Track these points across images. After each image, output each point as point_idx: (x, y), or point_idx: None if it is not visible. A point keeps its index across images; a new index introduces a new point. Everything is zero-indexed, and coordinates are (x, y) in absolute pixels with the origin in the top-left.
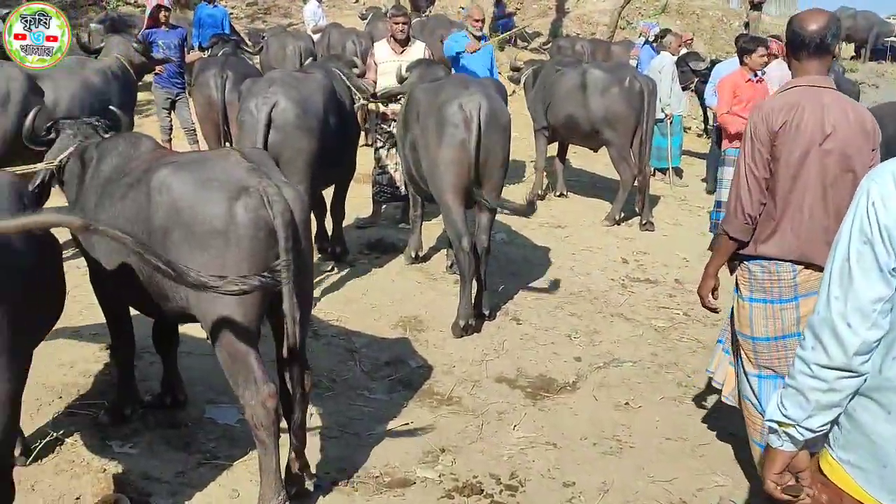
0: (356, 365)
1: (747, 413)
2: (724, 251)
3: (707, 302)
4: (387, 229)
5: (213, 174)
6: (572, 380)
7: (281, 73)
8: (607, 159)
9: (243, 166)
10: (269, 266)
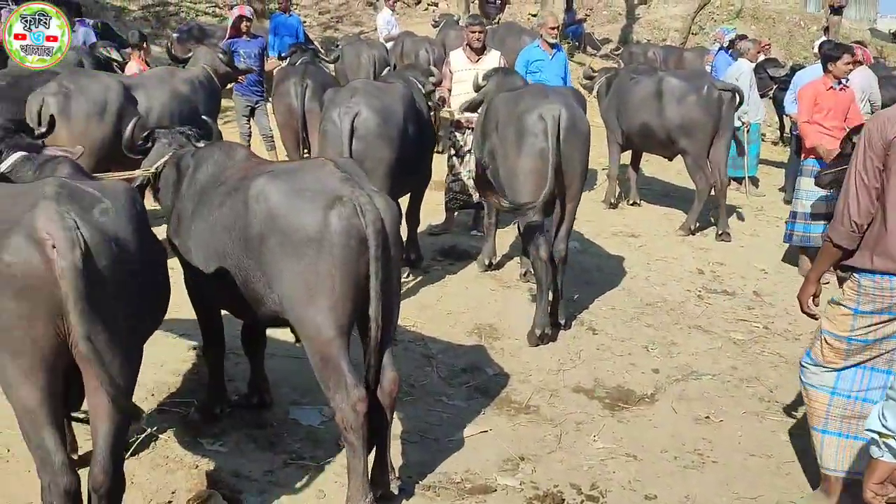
0: (433, 371)
1: (809, 399)
2: (828, 258)
3: (807, 308)
4: (459, 236)
5: (308, 183)
6: (650, 392)
7: (363, 83)
8: (680, 167)
9: (337, 176)
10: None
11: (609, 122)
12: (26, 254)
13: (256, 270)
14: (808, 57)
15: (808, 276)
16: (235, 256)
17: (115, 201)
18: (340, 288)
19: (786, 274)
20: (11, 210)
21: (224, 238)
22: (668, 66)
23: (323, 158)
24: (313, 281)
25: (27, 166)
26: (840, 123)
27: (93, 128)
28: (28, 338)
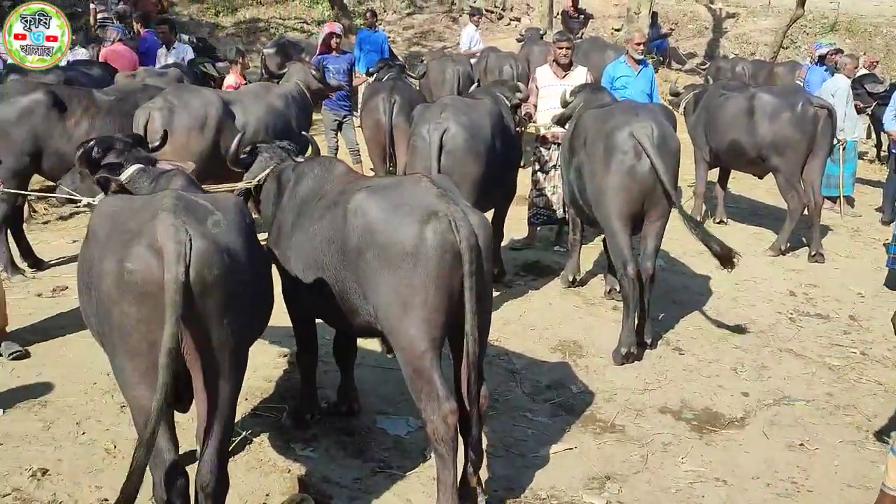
0: (517, 386)
1: None
2: None
3: None
4: (542, 251)
5: (406, 199)
6: (740, 415)
7: (452, 99)
8: (769, 185)
9: (433, 192)
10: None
11: (697, 138)
12: (147, 262)
13: (353, 282)
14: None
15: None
16: (333, 268)
17: (227, 214)
18: (434, 301)
19: (884, 298)
20: (134, 220)
21: (323, 250)
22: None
23: (419, 174)
24: (408, 294)
25: (143, 178)
26: None
27: (193, 141)
28: (146, 341)
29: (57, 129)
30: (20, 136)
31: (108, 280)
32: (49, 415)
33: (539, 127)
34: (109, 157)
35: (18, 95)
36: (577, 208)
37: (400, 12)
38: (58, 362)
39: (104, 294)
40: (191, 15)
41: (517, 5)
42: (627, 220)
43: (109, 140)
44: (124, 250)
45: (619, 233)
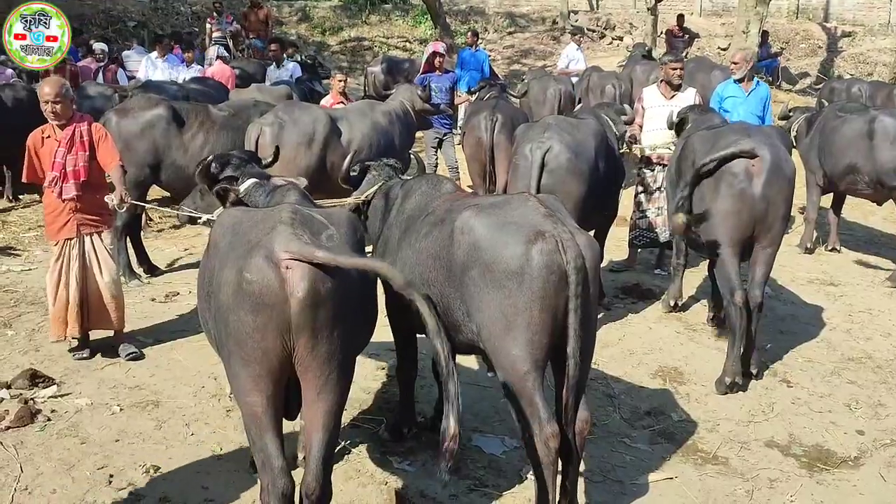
0: (615, 411)
1: None
2: None
3: None
4: (642, 274)
5: (513, 218)
6: (854, 454)
7: (556, 118)
8: (886, 212)
9: (540, 212)
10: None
11: (810, 162)
12: (265, 273)
13: (457, 299)
14: None
15: None
16: (438, 284)
17: (340, 228)
18: (538, 322)
19: None
20: (253, 232)
21: (428, 265)
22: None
23: (527, 194)
24: (512, 314)
25: (259, 192)
26: None
27: (301, 156)
28: (260, 349)
29: (175, 143)
30: (142, 148)
31: (227, 289)
32: (161, 415)
33: (644, 148)
34: (226, 172)
35: (142, 110)
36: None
37: (501, 31)
38: (169, 365)
39: (223, 302)
40: (298, 34)
41: (620, 24)
42: (737, 246)
43: (226, 156)
44: (244, 261)
45: (728, 259)
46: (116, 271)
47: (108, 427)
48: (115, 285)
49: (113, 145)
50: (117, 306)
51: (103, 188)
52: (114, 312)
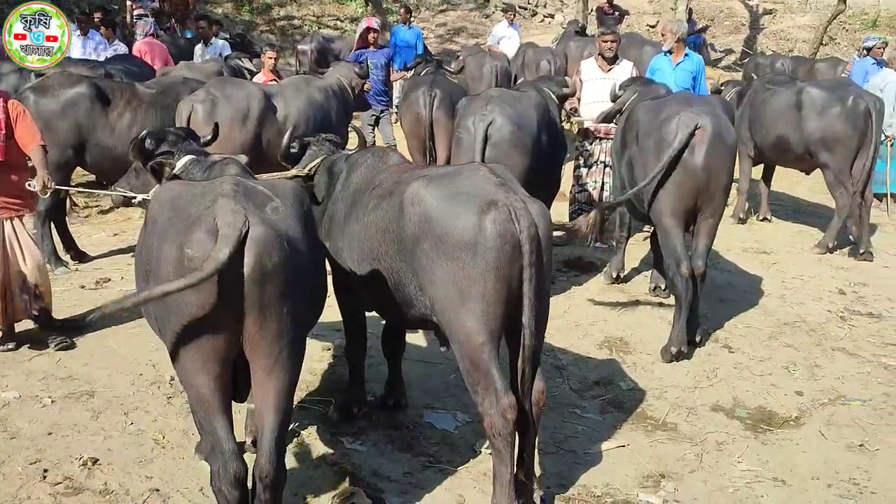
0: (565, 382)
1: None
2: None
3: None
4: (583, 248)
5: (464, 188)
6: (795, 415)
7: (498, 91)
8: (812, 182)
9: (492, 181)
10: (513, 279)
11: (741, 134)
12: (207, 248)
13: (409, 273)
14: None
15: None
16: (388, 258)
17: (285, 200)
18: (493, 293)
19: None
20: (193, 206)
21: (378, 239)
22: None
23: (477, 163)
24: (466, 285)
25: (196, 168)
26: None
27: (236, 133)
28: (205, 329)
29: (100, 122)
30: (64, 128)
31: (167, 266)
32: (97, 405)
33: (582, 121)
34: (162, 148)
35: (63, 88)
36: (629, 204)
37: (433, 9)
38: (104, 353)
39: (163, 281)
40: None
41: (550, 2)
42: (681, 217)
43: (162, 132)
44: (184, 236)
45: (673, 230)
46: (41, 257)
47: (40, 420)
48: (39, 272)
49: (32, 123)
50: (43, 294)
51: (23, 170)
52: (40, 301)
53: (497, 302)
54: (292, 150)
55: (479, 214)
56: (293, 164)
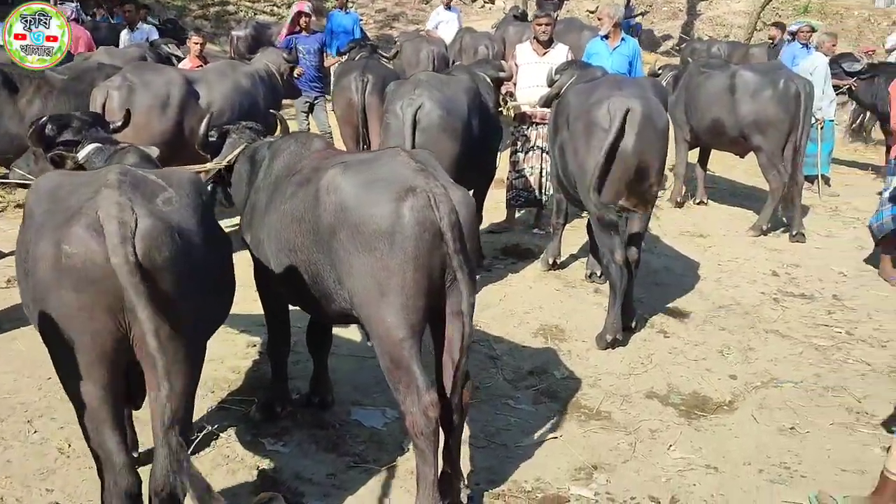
0: (498, 373)
1: None
2: None
3: None
4: (521, 234)
5: (381, 174)
6: (728, 399)
7: (427, 75)
8: (746, 165)
9: (411, 167)
10: (434, 270)
11: (677, 118)
12: (86, 244)
13: (326, 265)
14: (879, 53)
15: None
16: (305, 249)
17: (180, 191)
18: (413, 285)
19: (867, 277)
20: (73, 198)
21: (294, 230)
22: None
23: (397, 148)
24: (384, 277)
25: (100, 157)
26: None
27: (155, 121)
28: (88, 332)
29: (7, 110)
30: None
31: (43, 264)
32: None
33: (519, 105)
34: (65, 136)
35: None
36: (563, 189)
37: None
38: (10, 357)
39: (40, 280)
40: None
41: None
42: (613, 202)
43: (65, 118)
44: (61, 231)
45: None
46: None
47: None
48: None
49: None
50: None
51: None
52: None
53: (417, 294)
54: (211, 139)
55: (396, 202)
56: (213, 153)
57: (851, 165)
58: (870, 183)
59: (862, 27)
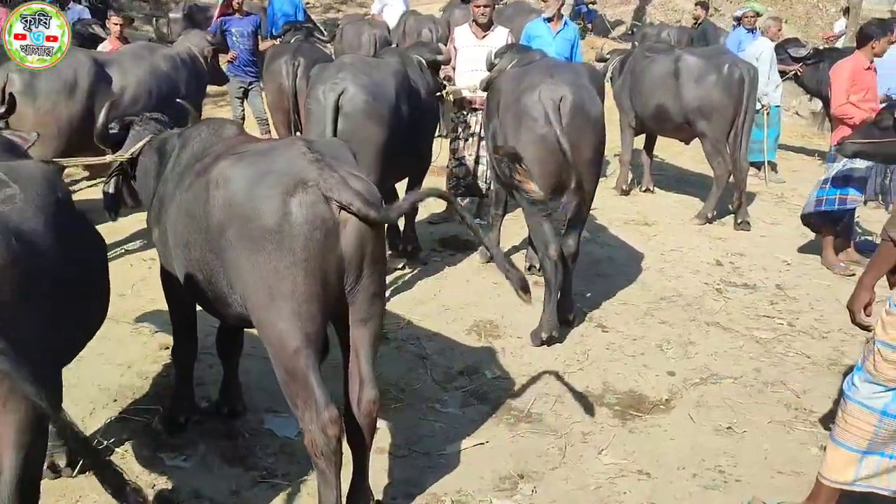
0: (427, 374)
1: (850, 416)
2: (885, 259)
3: (859, 319)
4: (460, 226)
5: (274, 166)
6: (665, 397)
7: (352, 57)
8: (693, 152)
9: (306, 157)
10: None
11: (622, 104)
12: None
13: (218, 266)
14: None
15: (861, 280)
16: (198, 247)
17: (27, 187)
18: (305, 289)
19: (810, 265)
20: None
21: (188, 226)
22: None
23: (294, 137)
24: (274, 280)
25: None
26: (875, 105)
27: (61, 107)
28: None
29: None
30: None
31: None
32: None
33: (459, 90)
34: None
35: None
36: (500, 178)
37: None
38: None
39: None
40: None
41: None
42: (546, 195)
43: None
44: None
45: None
46: None
47: None
48: None
49: None
50: None
51: None
52: None
53: (311, 300)
54: (112, 131)
55: (284, 196)
56: (114, 147)
57: (799, 151)
58: (816, 169)
59: (811, 13)
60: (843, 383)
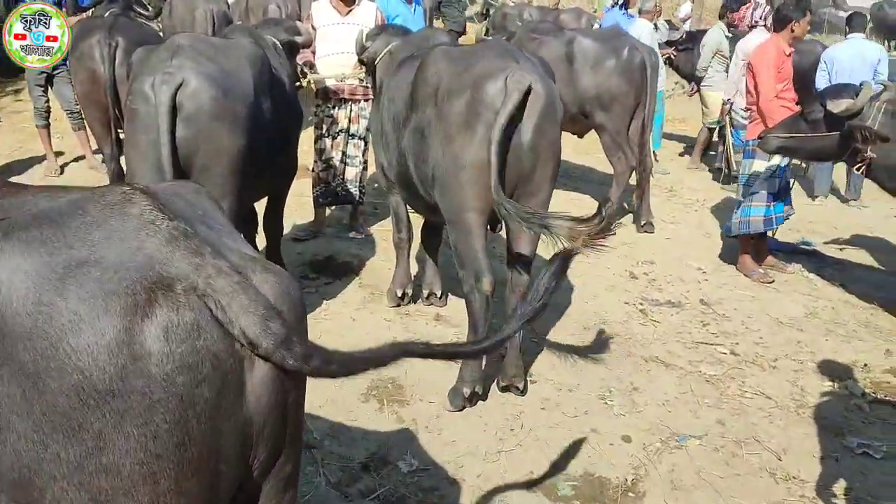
0: (318, 473)
1: None
2: None
3: None
4: (334, 241)
5: (94, 254)
6: (630, 478)
7: (189, 38)
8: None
9: (160, 231)
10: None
11: None
12: None
13: None
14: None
15: None
16: None
17: None
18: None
19: (726, 273)
20: None
21: None
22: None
23: (128, 188)
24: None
25: None
26: (793, 94)
27: None
28: None
29: None
30: None
31: None
32: None
33: (322, 79)
34: None
35: None
36: (409, 189)
37: None
38: None
39: None
40: None
41: None
42: (487, 212)
43: None
44: None
45: (475, 230)
46: None
47: None
48: None
49: None
50: None
51: None
52: None
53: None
54: None
55: (126, 319)
56: None
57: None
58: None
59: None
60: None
